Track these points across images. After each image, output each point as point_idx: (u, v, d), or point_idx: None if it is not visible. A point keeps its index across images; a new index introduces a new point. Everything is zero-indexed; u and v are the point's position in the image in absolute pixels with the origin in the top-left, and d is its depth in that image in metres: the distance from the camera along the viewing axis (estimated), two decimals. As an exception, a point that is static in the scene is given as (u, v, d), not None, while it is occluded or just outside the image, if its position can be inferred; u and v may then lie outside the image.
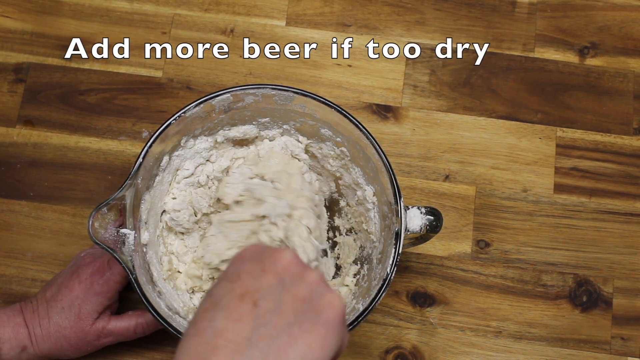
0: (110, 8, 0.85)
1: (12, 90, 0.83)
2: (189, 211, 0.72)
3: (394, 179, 0.64)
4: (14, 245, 0.78)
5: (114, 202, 0.62)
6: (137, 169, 0.63)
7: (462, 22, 0.86)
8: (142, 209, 0.67)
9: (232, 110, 0.69)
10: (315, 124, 0.71)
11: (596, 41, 0.86)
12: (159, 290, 0.67)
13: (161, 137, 0.65)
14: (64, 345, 0.67)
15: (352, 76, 0.84)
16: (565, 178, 0.82)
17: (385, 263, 0.64)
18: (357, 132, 0.66)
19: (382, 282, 0.63)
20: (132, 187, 0.63)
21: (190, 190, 0.72)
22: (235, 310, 0.44)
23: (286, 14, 0.86)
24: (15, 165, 0.80)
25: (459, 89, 0.84)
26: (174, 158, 0.70)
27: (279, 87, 0.67)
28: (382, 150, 0.65)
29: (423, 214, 0.65)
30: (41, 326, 0.66)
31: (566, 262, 0.79)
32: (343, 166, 0.72)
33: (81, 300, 0.67)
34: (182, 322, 0.65)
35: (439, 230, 0.66)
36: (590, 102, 0.84)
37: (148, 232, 0.68)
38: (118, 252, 0.62)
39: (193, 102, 0.66)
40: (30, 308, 0.67)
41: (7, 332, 0.65)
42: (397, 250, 0.63)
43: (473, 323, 0.77)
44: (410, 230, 0.65)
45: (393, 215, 0.65)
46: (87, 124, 0.82)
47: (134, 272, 0.61)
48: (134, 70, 0.83)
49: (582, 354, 0.77)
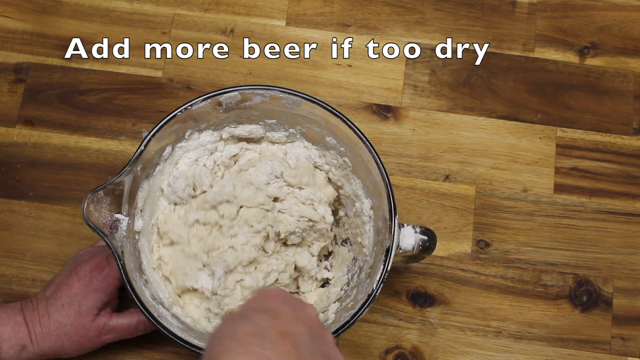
0: (110, 8, 0.85)
1: (12, 90, 0.83)
2: (187, 181, 0.71)
3: (392, 195, 0.64)
4: (14, 245, 0.78)
5: (111, 186, 0.62)
6: (138, 155, 0.64)
7: (462, 22, 0.86)
8: (139, 196, 0.67)
9: (239, 109, 0.69)
10: (321, 131, 0.70)
11: (596, 41, 0.86)
12: (146, 279, 0.66)
13: (165, 127, 0.65)
14: (65, 342, 0.67)
15: (352, 76, 0.84)
16: (565, 178, 0.82)
17: (373, 278, 0.63)
18: (361, 145, 0.66)
19: (367, 297, 0.62)
20: (130, 174, 0.63)
21: (194, 166, 0.72)
22: (281, 346, 0.46)
23: (286, 14, 0.86)
24: (15, 165, 0.80)
25: (459, 89, 0.84)
26: (177, 149, 0.70)
27: (287, 91, 0.67)
28: (384, 166, 0.65)
29: (417, 232, 0.65)
30: (41, 324, 0.66)
31: (566, 262, 0.79)
32: (345, 176, 0.72)
33: (81, 296, 0.67)
34: (164, 313, 0.64)
35: (431, 251, 0.66)
36: (590, 102, 0.84)
37: (143, 220, 0.68)
38: (110, 236, 0.62)
39: (200, 96, 0.66)
40: (30, 307, 0.67)
41: (7, 331, 0.65)
42: (386, 266, 0.62)
43: (473, 323, 0.77)
44: (403, 248, 0.64)
45: (387, 232, 0.64)
46: (87, 124, 0.82)
47: (122, 258, 0.61)
48: (134, 70, 0.83)
49: (582, 354, 0.77)
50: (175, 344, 0.74)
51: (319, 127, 0.70)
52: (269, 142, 0.74)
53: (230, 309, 0.69)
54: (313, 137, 0.72)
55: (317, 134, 0.71)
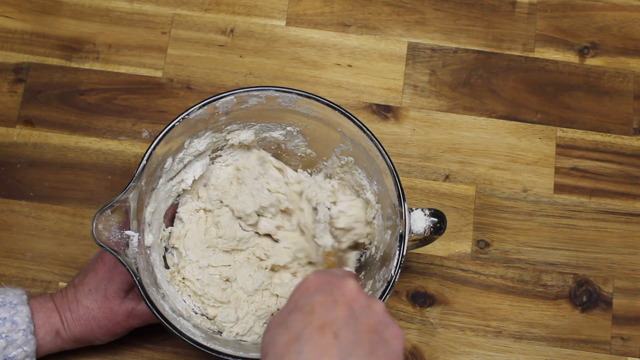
0: (110, 8, 0.85)
1: (12, 90, 0.83)
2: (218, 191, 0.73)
3: (398, 181, 0.64)
4: (14, 245, 0.78)
5: (117, 204, 0.62)
6: (140, 171, 0.63)
7: (462, 22, 0.86)
8: (146, 211, 0.67)
9: (235, 111, 0.69)
10: (321, 127, 0.70)
11: (596, 41, 0.86)
12: (163, 293, 0.67)
13: (165, 139, 0.65)
14: (94, 327, 0.67)
15: (352, 76, 0.84)
16: (565, 178, 0.82)
17: (389, 265, 0.64)
18: (361, 134, 0.66)
19: (387, 283, 0.62)
20: (135, 189, 0.63)
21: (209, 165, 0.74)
22: (319, 342, 0.46)
23: (286, 14, 0.86)
24: (15, 165, 0.80)
25: (459, 89, 0.84)
26: (177, 160, 0.70)
27: (282, 89, 0.67)
28: (386, 152, 0.65)
29: (427, 215, 0.65)
30: (71, 310, 0.67)
31: (566, 262, 0.79)
32: (347, 169, 0.73)
33: (106, 280, 0.67)
34: (185, 325, 0.65)
35: (442, 232, 0.66)
36: (590, 102, 0.84)
37: (152, 234, 0.68)
38: (122, 254, 0.62)
39: (197, 104, 0.66)
40: (60, 295, 0.69)
41: (41, 318, 0.67)
42: (402, 252, 0.63)
43: (473, 323, 0.77)
44: (415, 232, 0.65)
45: (397, 217, 0.64)
46: (87, 124, 0.82)
47: (137, 275, 0.61)
48: (134, 70, 0.83)
49: (582, 354, 0.77)
50: (175, 344, 0.74)
51: (320, 123, 0.70)
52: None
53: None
54: (313, 134, 0.72)
55: (317, 130, 0.71)
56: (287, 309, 0.51)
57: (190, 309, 0.70)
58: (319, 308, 0.48)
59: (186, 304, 0.70)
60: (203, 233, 0.73)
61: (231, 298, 0.71)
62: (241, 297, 0.71)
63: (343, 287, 0.50)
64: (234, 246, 0.73)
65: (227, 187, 0.73)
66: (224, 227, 0.72)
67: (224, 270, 0.72)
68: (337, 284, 0.50)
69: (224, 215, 0.73)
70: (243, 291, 0.71)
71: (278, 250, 0.73)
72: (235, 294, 0.71)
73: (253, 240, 0.73)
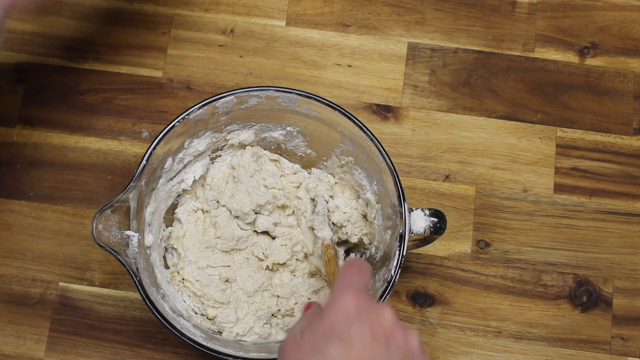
0: (110, 8, 0.85)
1: (12, 90, 0.83)
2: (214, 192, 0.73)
3: (398, 180, 0.64)
4: (14, 245, 0.78)
5: (117, 204, 0.62)
6: (140, 171, 0.63)
7: (462, 22, 0.86)
8: (146, 211, 0.67)
9: (236, 111, 0.69)
10: (322, 127, 0.71)
11: (596, 41, 0.86)
12: (163, 293, 0.67)
13: (165, 139, 0.65)
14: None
15: (352, 76, 0.84)
16: (565, 178, 0.82)
17: (389, 265, 0.64)
18: (361, 134, 0.66)
19: (387, 283, 0.63)
20: (135, 190, 0.63)
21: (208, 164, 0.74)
22: None
23: (286, 14, 0.86)
24: (15, 165, 0.80)
25: (459, 89, 0.84)
26: (177, 160, 0.70)
27: (282, 89, 0.67)
28: (386, 152, 0.65)
29: (427, 215, 0.65)
30: None
31: (566, 262, 0.79)
32: (347, 169, 0.73)
33: None
34: (185, 325, 0.65)
35: (442, 232, 0.66)
36: (590, 102, 0.84)
37: (152, 234, 0.68)
38: (122, 254, 0.62)
39: (197, 104, 0.66)
40: None
41: None
42: (402, 252, 0.63)
43: (473, 323, 0.77)
44: (414, 232, 0.65)
45: (397, 217, 0.64)
46: (87, 124, 0.82)
47: (137, 275, 0.61)
48: (134, 70, 0.83)
49: (582, 354, 0.77)
50: (175, 344, 0.74)
51: (320, 123, 0.70)
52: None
53: (274, 312, 0.72)
54: (313, 134, 0.72)
55: (317, 130, 0.71)
56: (322, 329, 0.50)
57: (190, 309, 0.70)
58: (356, 341, 0.48)
59: (186, 304, 0.70)
60: (201, 233, 0.73)
61: (231, 299, 0.71)
62: (241, 297, 0.71)
63: (381, 318, 0.50)
64: (232, 246, 0.73)
65: (223, 187, 0.73)
66: (222, 227, 0.72)
67: (223, 271, 0.72)
68: (375, 313, 0.50)
69: (221, 215, 0.73)
70: (243, 292, 0.71)
71: (276, 249, 0.73)
72: (235, 294, 0.71)
73: (251, 239, 0.73)
